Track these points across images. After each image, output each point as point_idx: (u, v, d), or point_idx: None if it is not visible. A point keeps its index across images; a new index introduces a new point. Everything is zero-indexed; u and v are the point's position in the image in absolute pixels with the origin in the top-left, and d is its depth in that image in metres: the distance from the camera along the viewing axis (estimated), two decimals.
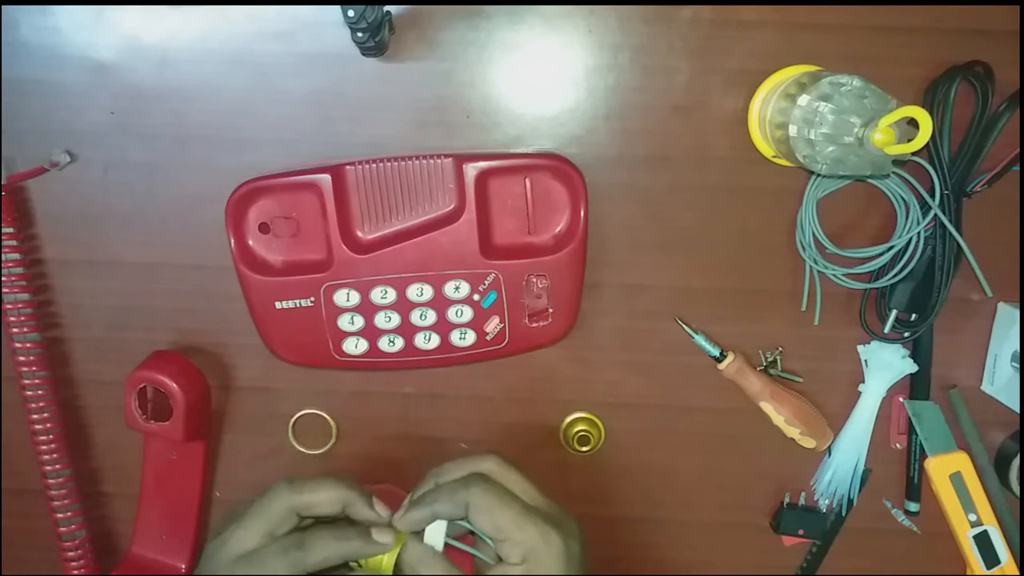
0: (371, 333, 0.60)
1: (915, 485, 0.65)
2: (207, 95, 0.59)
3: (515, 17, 0.57)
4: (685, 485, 0.67)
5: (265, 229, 0.59)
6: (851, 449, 0.64)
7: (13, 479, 0.67)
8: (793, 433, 0.63)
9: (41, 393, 0.61)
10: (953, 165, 0.57)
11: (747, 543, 0.68)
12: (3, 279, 0.59)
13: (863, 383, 0.64)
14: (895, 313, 0.60)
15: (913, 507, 0.66)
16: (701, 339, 0.63)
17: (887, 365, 0.62)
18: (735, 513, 0.68)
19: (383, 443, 0.66)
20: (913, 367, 0.62)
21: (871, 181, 0.59)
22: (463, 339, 0.61)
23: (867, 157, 0.49)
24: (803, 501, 0.67)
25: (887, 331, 0.61)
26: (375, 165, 0.57)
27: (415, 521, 0.46)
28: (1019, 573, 0.64)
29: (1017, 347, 0.60)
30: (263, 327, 0.60)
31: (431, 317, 0.60)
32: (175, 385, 0.59)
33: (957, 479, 0.63)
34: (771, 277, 0.62)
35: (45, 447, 0.61)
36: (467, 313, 0.60)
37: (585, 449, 0.65)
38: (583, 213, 0.58)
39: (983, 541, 0.64)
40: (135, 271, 0.62)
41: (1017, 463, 0.63)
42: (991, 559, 0.64)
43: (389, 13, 0.55)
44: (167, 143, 0.60)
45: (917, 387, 0.63)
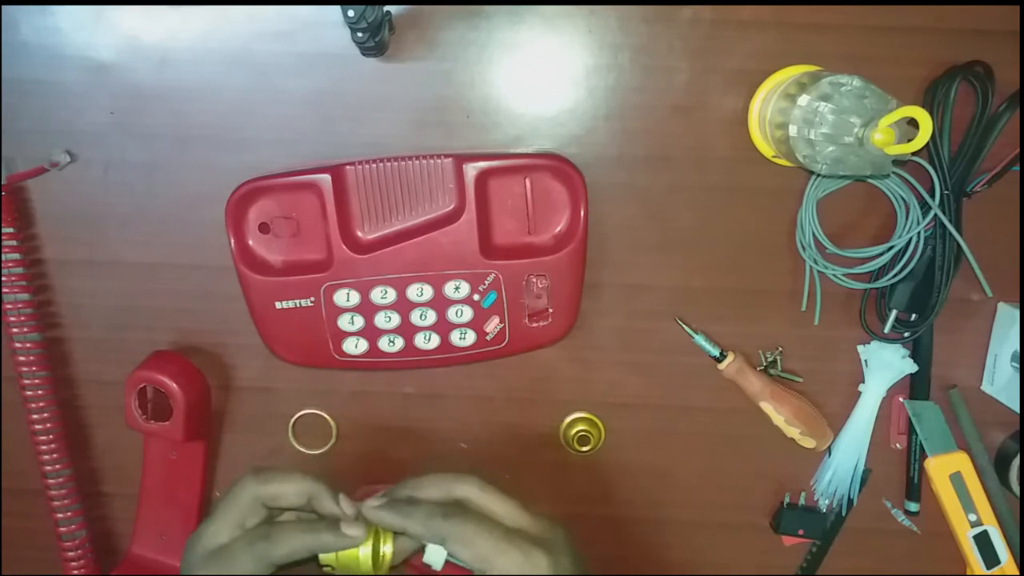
0: (371, 333, 0.60)
1: (915, 485, 0.65)
2: (207, 95, 0.59)
3: (515, 17, 0.57)
4: (685, 485, 0.67)
5: (265, 229, 0.59)
6: (851, 449, 0.64)
7: (13, 479, 0.67)
8: (793, 433, 0.63)
9: (41, 393, 0.61)
10: (953, 165, 0.57)
11: (747, 543, 0.68)
12: (3, 279, 0.59)
13: (863, 383, 0.64)
14: (895, 313, 0.60)
15: (913, 507, 0.66)
16: (701, 339, 0.63)
17: (887, 365, 0.62)
18: (735, 513, 0.68)
19: (383, 443, 0.66)
20: (913, 367, 0.62)
21: (871, 181, 0.59)
22: (463, 339, 0.61)
23: (867, 157, 0.49)
24: (803, 501, 0.67)
25: (887, 331, 0.61)
26: (375, 165, 0.57)
27: (384, 521, 0.46)
28: (1019, 573, 0.64)
29: (1017, 347, 0.60)
30: (263, 327, 0.60)
31: (431, 317, 0.60)
32: (175, 385, 0.59)
33: (957, 479, 0.63)
34: (771, 277, 0.62)
35: (45, 447, 0.61)
36: (467, 313, 0.60)
37: (585, 449, 0.65)
38: (583, 213, 0.58)
39: (983, 541, 0.64)
40: (135, 271, 0.62)
41: (1017, 463, 0.63)
42: (991, 559, 0.64)
43: (389, 13, 0.55)
44: (167, 143, 0.60)
45: (917, 387, 0.63)
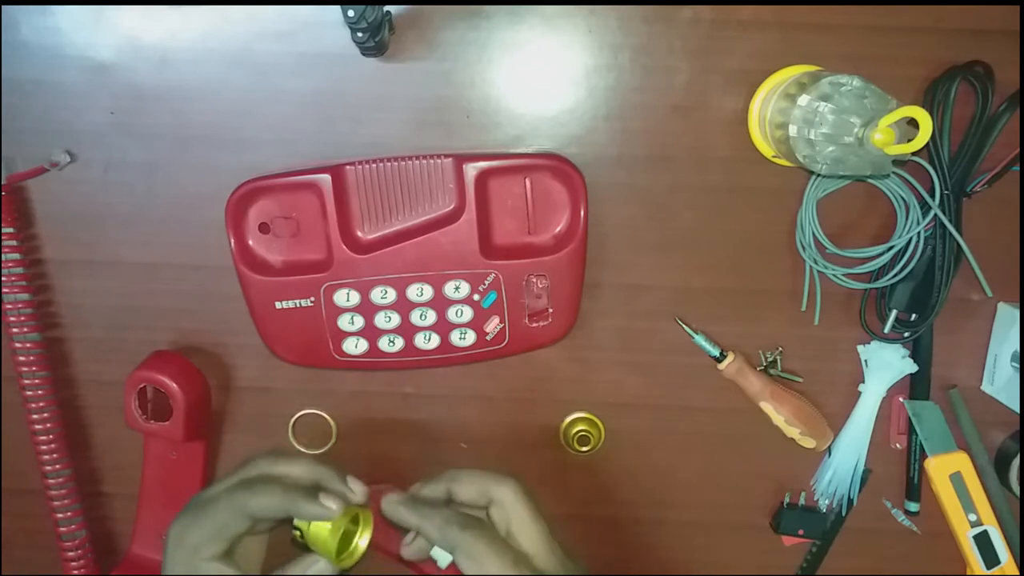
0: (371, 333, 0.60)
1: (915, 485, 0.65)
2: (207, 95, 0.59)
3: (515, 17, 0.57)
4: (685, 485, 0.67)
5: (265, 229, 0.59)
6: (851, 449, 0.64)
7: (13, 479, 0.67)
8: (793, 433, 0.63)
9: (41, 393, 0.61)
10: (953, 165, 0.57)
11: (747, 543, 0.68)
12: (3, 279, 0.59)
13: (863, 383, 0.64)
14: (895, 313, 0.60)
15: (913, 507, 0.66)
16: (701, 339, 0.63)
17: (887, 365, 0.62)
18: (735, 513, 0.68)
19: (383, 443, 0.66)
20: (913, 367, 0.62)
21: (871, 181, 0.59)
22: (463, 339, 0.61)
23: (867, 157, 0.49)
24: (803, 501, 0.67)
25: (887, 331, 0.61)
26: (375, 165, 0.57)
27: (401, 518, 0.46)
28: (1019, 573, 0.64)
29: (1017, 347, 0.60)
30: (263, 327, 0.60)
31: (431, 317, 0.60)
32: (175, 385, 0.59)
33: (957, 479, 0.63)
34: (771, 277, 0.62)
35: (45, 447, 0.61)
36: (467, 313, 0.60)
37: (585, 449, 0.65)
38: (583, 213, 0.58)
39: (983, 541, 0.64)
40: (135, 271, 0.62)
41: (1017, 463, 0.63)
42: (991, 559, 0.64)
43: (389, 13, 0.55)
44: (167, 143, 0.60)
45: (917, 387, 0.63)
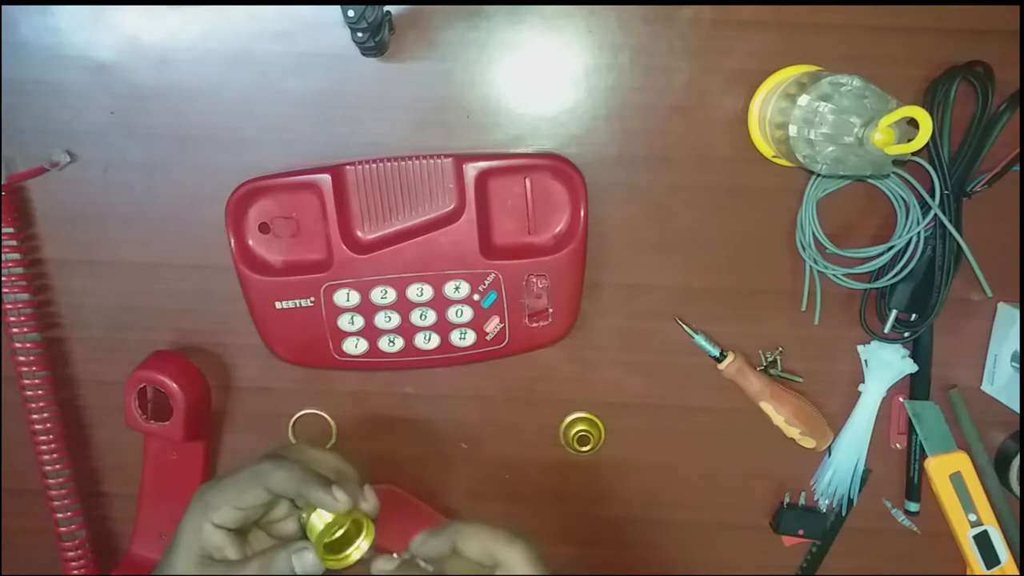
0: (371, 333, 0.60)
1: (915, 485, 0.65)
2: (207, 95, 0.59)
3: (515, 17, 0.57)
4: (685, 485, 0.67)
5: (265, 229, 0.59)
6: (851, 449, 0.64)
7: (13, 479, 0.67)
8: (793, 433, 0.63)
9: (41, 393, 0.61)
10: (953, 165, 0.57)
11: (747, 543, 0.68)
12: (3, 279, 0.59)
13: (863, 383, 0.63)
14: (895, 313, 0.60)
15: (913, 507, 0.66)
16: (701, 339, 0.63)
17: (887, 365, 0.62)
18: (735, 513, 0.68)
19: (383, 443, 0.66)
20: (913, 367, 0.62)
21: (871, 181, 0.59)
22: (463, 339, 0.61)
23: (867, 157, 0.49)
24: (803, 501, 0.67)
25: (887, 331, 0.61)
26: (375, 165, 0.57)
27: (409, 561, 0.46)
28: (1019, 573, 0.64)
29: (1017, 347, 0.60)
30: (263, 327, 0.60)
31: (431, 317, 0.60)
32: (175, 385, 0.59)
33: (957, 479, 0.63)
34: (771, 277, 0.62)
35: (45, 447, 0.61)
36: (467, 313, 0.60)
37: (585, 449, 0.65)
38: (583, 213, 0.58)
39: (983, 541, 0.64)
40: (135, 271, 0.62)
41: (1017, 463, 0.63)
42: (991, 559, 0.64)
43: (389, 13, 0.55)
44: (167, 143, 0.60)
45: (917, 387, 0.63)
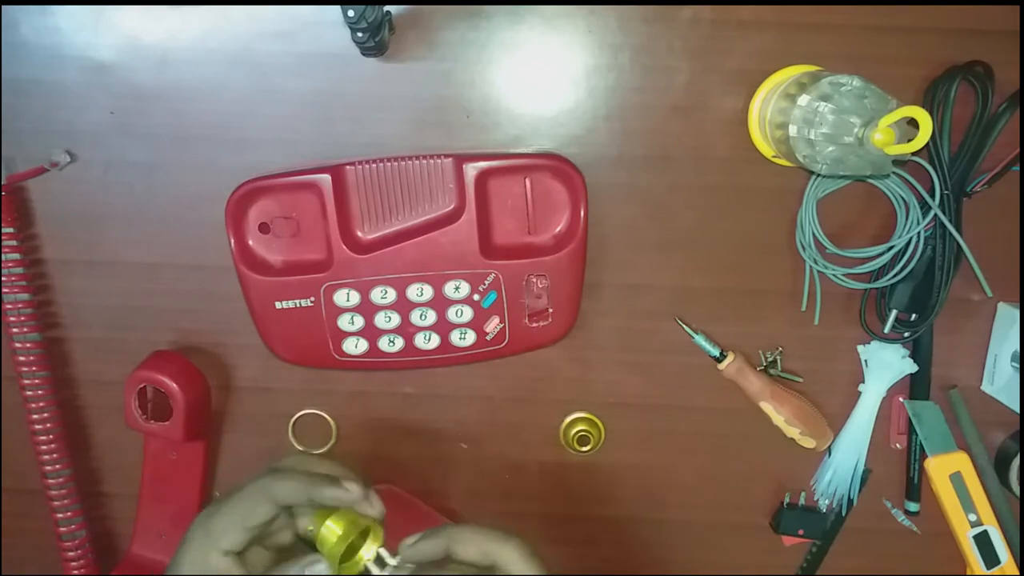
0: (371, 333, 0.60)
1: (915, 485, 0.65)
2: (207, 95, 0.59)
3: (515, 17, 0.57)
4: (685, 485, 0.67)
5: (265, 229, 0.59)
6: (851, 449, 0.64)
7: (13, 479, 0.67)
8: (793, 433, 0.63)
9: (41, 393, 0.61)
10: (953, 165, 0.57)
11: (747, 543, 0.68)
12: (3, 279, 0.59)
13: (863, 383, 0.63)
14: (895, 313, 0.60)
15: (913, 507, 0.66)
16: (701, 339, 0.63)
17: (887, 365, 0.62)
18: (735, 513, 0.68)
19: (383, 443, 0.66)
20: (913, 367, 0.62)
21: (871, 181, 0.59)
22: (463, 339, 0.61)
23: (867, 157, 0.49)
24: (803, 501, 0.67)
25: (887, 331, 0.61)
26: (375, 165, 0.57)
27: (400, 566, 0.46)
28: (1019, 573, 0.64)
29: (1017, 347, 0.60)
30: (263, 327, 0.60)
31: (431, 317, 0.60)
32: (175, 385, 0.59)
33: (957, 479, 0.63)
34: (771, 277, 0.62)
35: (45, 447, 0.61)
36: (467, 313, 0.60)
37: (585, 449, 0.65)
38: (583, 213, 0.58)
39: (983, 541, 0.64)
40: (135, 271, 0.62)
41: (1017, 463, 0.63)
42: (991, 559, 0.64)
43: (389, 13, 0.55)
44: (167, 143, 0.60)
45: (917, 387, 0.63)
